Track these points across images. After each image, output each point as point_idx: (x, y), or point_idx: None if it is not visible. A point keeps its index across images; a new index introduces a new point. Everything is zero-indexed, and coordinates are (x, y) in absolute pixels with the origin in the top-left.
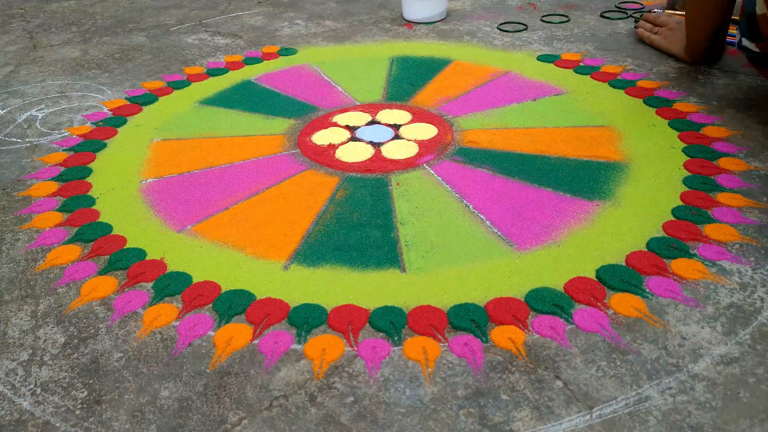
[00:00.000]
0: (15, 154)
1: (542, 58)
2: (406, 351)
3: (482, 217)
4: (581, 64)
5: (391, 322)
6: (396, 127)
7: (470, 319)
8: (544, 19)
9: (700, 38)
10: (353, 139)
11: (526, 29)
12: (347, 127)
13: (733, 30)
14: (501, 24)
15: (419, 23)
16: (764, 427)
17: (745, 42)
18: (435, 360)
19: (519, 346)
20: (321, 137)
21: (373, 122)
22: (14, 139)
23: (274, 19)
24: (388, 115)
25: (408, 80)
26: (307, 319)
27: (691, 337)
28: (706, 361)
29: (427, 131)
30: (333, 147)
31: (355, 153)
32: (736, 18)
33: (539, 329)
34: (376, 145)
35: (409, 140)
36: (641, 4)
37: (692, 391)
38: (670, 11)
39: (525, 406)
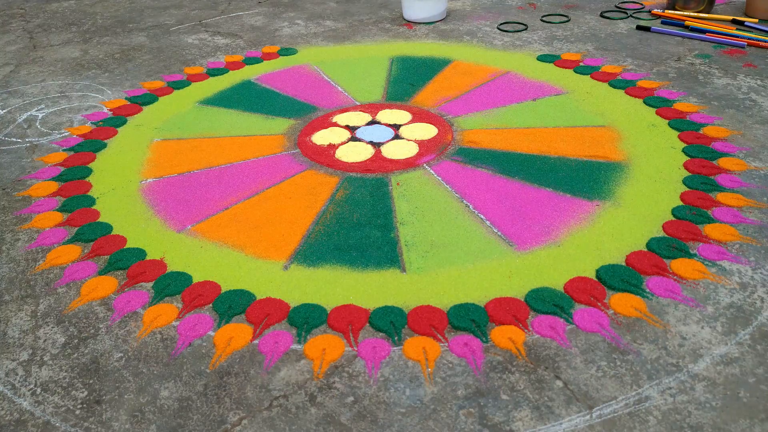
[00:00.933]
0: (15, 154)
1: (542, 58)
2: (406, 351)
3: (482, 217)
4: (581, 64)
5: (391, 322)
6: (396, 127)
7: (470, 319)
8: (544, 19)
9: None
10: (353, 139)
11: (526, 29)
12: (347, 127)
13: (732, 30)
14: (501, 24)
15: (419, 23)
16: (764, 427)
17: None
18: (435, 360)
19: (519, 346)
20: (321, 137)
21: (373, 122)
22: (14, 139)
23: (274, 19)
24: (388, 115)
25: (408, 80)
26: (307, 319)
27: (691, 337)
28: (706, 361)
29: (427, 131)
30: (333, 147)
31: (355, 153)
32: (739, 18)
33: (539, 329)
34: (376, 145)
35: (409, 140)
36: (641, 4)
37: (692, 391)
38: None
39: (525, 406)
